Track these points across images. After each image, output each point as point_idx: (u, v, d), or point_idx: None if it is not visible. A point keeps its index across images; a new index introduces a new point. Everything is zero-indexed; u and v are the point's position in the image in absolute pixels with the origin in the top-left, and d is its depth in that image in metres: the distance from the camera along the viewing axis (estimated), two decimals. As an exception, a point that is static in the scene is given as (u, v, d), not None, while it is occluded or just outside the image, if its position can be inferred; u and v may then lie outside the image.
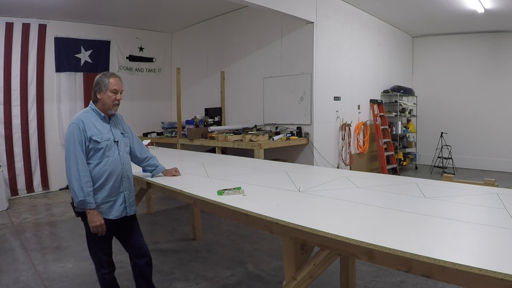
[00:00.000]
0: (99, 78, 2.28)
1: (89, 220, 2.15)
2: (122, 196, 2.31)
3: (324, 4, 5.92)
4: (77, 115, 2.23)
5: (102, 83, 2.24)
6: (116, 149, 2.28)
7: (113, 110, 2.31)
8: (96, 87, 2.26)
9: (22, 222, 4.99)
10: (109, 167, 2.22)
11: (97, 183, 2.18)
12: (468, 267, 1.10)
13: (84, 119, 2.20)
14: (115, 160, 2.26)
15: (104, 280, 2.31)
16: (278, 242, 3.59)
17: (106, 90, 2.24)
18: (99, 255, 2.29)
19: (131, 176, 2.41)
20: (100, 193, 2.20)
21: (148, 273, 2.46)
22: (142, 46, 8.12)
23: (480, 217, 1.64)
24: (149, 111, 8.23)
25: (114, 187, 2.25)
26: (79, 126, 2.16)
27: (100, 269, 2.30)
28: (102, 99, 2.25)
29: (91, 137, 2.17)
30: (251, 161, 3.67)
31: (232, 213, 1.91)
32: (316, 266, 1.72)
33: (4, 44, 6.19)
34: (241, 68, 6.96)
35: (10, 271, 3.31)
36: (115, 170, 2.25)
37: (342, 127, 6.53)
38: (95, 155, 2.19)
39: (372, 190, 2.22)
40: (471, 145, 8.36)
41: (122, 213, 2.30)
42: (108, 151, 2.23)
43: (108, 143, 2.23)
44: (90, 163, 2.18)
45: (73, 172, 2.10)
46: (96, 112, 2.27)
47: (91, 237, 2.26)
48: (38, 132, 6.66)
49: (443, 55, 8.77)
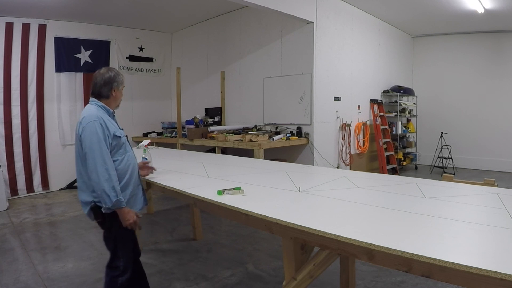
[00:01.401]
0: (114, 74, 2.19)
1: (123, 218, 2.07)
2: (141, 188, 2.36)
3: (324, 4, 5.93)
4: (92, 113, 2.09)
5: (119, 80, 2.20)
6: (128, 144, 2.31)
7: (117, 107, 2.32)
8: (113, 83, 2.17)
9: (22, 222, 4.99)
10: (131, 161, 2.24)
11: (125, 179, 2.15)
12: (468, 267, 1.10)
13: (102, 116, 2.11)
14: (132, 155, 2.29)
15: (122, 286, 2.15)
16: (278, 242, 3.59)
17: (122, 86, 2.24)
18: (129, 257, 2.18)
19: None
20: (128, 188, 2.19)
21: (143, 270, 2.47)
22: (142, 46, 8.12)
23: (480, 217, 1.64)
24: (149, 111, 8.24)
25: (136, 180, 2.28)
26: (101, 123, 2.05)
27: (124, 273, 2.15)
28: (116, 96, 2.22)
29: (115, 133, 2.12)
30: (251, 161, 3.67)
31: (232, 213, 1.91)
32: (316, 266, 1.72)
33: (4, 44, 6.19)
34: (241, 68, 6.96)
35: (10, 271, 3.31)
36: (134, 164, 2.29)
37: (342, 127, 6.53)
38: (118, 151, 2.15)
39: (372, 190, 2.22)
40: (471, 145, 8.36)
41: (144, 203, 2.35)
42: (127, 146, 2.25)
43: (124, 138, 2.25)
44: (116, 159, 2.13)
45: (101, 172, 1.96)
46: (105, 109, 2.19)
47: (120, 239, 2.16)
48: (38, 132, 6.66)
49: (443, 55, 8.77)
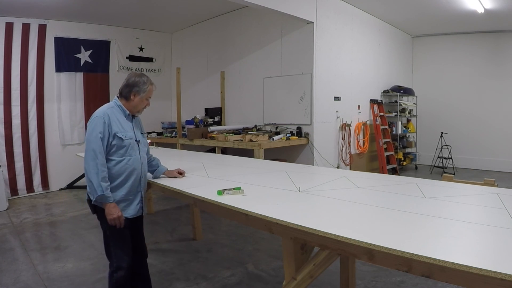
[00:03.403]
0: (139, 80, 2.24)
1: (107, 213, 2.11)
2: (140, 195, 2.32)
3: (324, 4, 5.93)
4: (102, 109, 2.18)
5: (142, 88, 2.23)
6: (138, 148, 2.29)
7: (139, 114, 2.33)
8: (134, 88, 2.22)
9: (22, 222, 4.99)
10: (131, 166, 2.22)
11: (118, 181, 2.17)
12: (468, 267, 1.10)
13: (110, 114, 2.16)
14: (136, 160, 2.26)
15: (117, 284, 2.20)
16: (278, 242, 3.59)
17: (144, 95, 2.24)
18: (119, 255, 2.21)
19: (147, 176, 2.43)
20: (120, 191, 2.19)
21: (147, 272, 2.48)
22: (142, 46, 8.12)
23: (480, 217, 1.64)
24: (149, 111, 8.10)
25: (134, 186, 2.25)
26: (105, 119, 2.12)
27: (118, 271, 2.20)
28: (135, 101, 2.24)
29: (116, 134, 2.15)
30: (251, 161, 3.67)
31: (232, 213, 1.91)
32: (316, 266, 1.72)
33: (4, 44, 6.19)
34: (241, 68, 6.96)
35: (10, 271, 3.31)
36: (136, 169, 2.26)
37: (342, 127, 6.53)
38: (117, 152, 2.17)
39: (372, 190, 2.22)
40: (471, 145, 8.36)
41: (138, 212, 2.31)
42: (131, 149, 2.23)
43: (131, 141, 2.23)
44: (112, 159, 2.16)
45: (92, 165, 2.05)
46: (121, 109, 2.24)
47: (111, 236, 2.21)
48: (38, 132, 6.66)
49: (443, 55, 8.77)
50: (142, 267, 2.44)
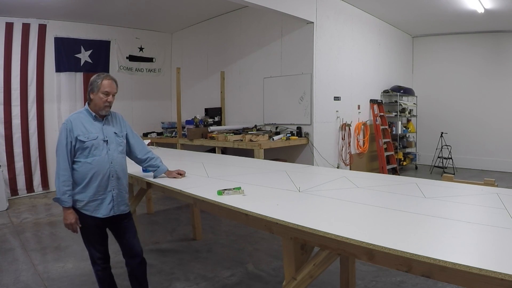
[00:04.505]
0: (93, 79, 2.31)
1: (63, 217, 2.24)
2: (110, 195, 2.30)
3: (324, 4, 5.93)
4: (69, 116, 2.31)
5: (95, 84, 2.27)
6: (105, 148, 2.28)
7: (104, 111, 2.31)
8: (90, 87, 2.29)
9: (22, 222, 4.99)
10: (95, 166, 2.23)
11: (84, 181, 2.22)
12: (468, 267, 1.10)
13: (73, 120, 2.26)
14: (102, 159, 2.25)
15: (97, 276, 2.39)
16: (278, 242, 3.59)
17: (98, 91, 2.25)
18: (91, 251, 2.35)
19: (122, 175, 2.38)
20: (88, 191, 2.23)
21: (140, 273, 2.45)
22: (142, 46, 8.12)
23: (480, 217, 1.64)
24: (149, 111, 8.23)
25: (101, 186, 2.26)
26: (67, 126, 2.23)
27: (94, 265, 2.37)
28: (94, 99, 2.28)
29: (77, 137, 2.21)
30: (251, 161, 3.67)
31: (232, 213, 1.91)
32: (316, 266, 1.72)
33: (4, 44, 6.18)
34: (241, 68, 6.96)
35: (10, 271, 3.31)
36: (102, 169, 2.25)
37: (342, 127, 6.53)
38: (82, 153, 2.23)
39: (372, 190, 2.22)
40: (471, 145, 8.36)
41: (110, 212, 2.30)
42: (95, 150, 2.24)
43: (95, 142, 2.24)
44: (78, 161, 2.22)
45: (56, 169, 2.20)
46: (88, 112, 2.31)
47: (82, 235, 2.34)
48: (38, 132, 6.66)
49: (443, 55, 8.77)
50: (135, 269, 2.42)
